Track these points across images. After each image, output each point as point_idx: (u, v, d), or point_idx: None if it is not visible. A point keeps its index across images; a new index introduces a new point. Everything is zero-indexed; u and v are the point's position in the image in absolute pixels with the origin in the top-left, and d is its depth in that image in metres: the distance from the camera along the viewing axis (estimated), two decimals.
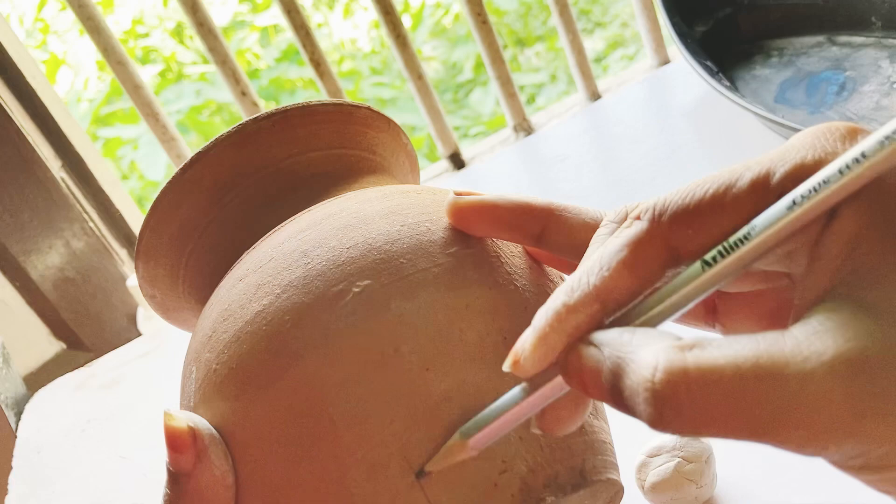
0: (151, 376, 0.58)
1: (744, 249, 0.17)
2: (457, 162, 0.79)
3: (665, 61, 0.79)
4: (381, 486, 0.20)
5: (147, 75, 1.74)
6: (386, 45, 1.80)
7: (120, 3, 1.81)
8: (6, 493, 0.49)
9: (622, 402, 0.17)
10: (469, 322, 0.22)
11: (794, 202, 0.17)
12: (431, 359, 0.21)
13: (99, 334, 0.76)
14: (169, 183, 0.26)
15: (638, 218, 0.19)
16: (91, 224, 0.77)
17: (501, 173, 0.69)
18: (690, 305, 0.18)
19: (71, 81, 1.77)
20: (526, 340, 0.19)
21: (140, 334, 0.76)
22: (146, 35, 1.81)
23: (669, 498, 0.34)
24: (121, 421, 0.54)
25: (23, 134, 0.70)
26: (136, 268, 0.28)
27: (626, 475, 0.28)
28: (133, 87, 0.69)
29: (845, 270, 0.16)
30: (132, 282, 0.78)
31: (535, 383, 0.19)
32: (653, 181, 0.57)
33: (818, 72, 0.61)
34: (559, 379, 0.19)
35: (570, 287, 0.19)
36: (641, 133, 0.65)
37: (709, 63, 0.60)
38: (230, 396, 0.22)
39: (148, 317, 0.79)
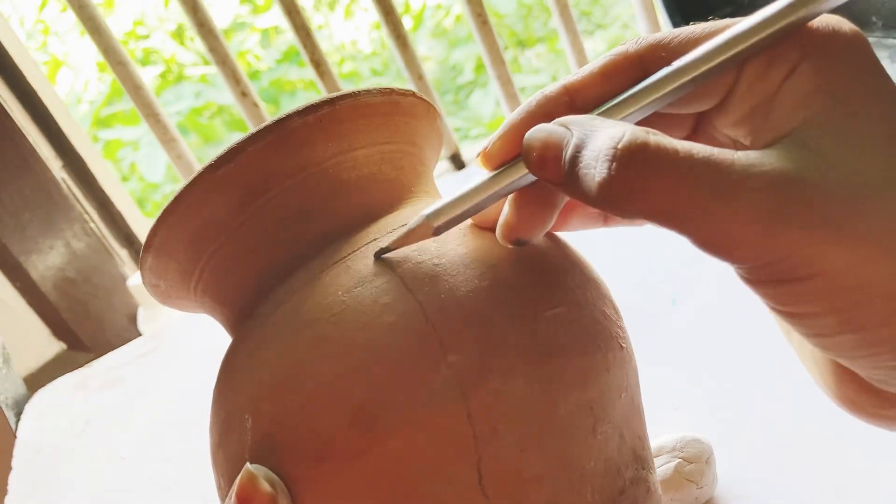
0: (151, 376, 0.58)
1: (704, 51, 0.20)
2: (457, 163, 0.79)
3: None
4: None
5: (147, 76, 1.74)
6: (386, 46, 1.80)
7: (120, 4, 1.81)
8: (6, 493, 0.49)
9: (575, 177, 0.18)
10: (562, 395, 0.21)
11: (751, 25, 0.19)
12: (527, 438, 0.20)
13: (99, 334, 0.76)
14: (196, 178, 0.23)
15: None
16: (91, 224, 0.77)
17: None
18: (653, 103, 0.20)
19: (71, 83, 1.78)
20: (494, 134, 0.20)
21: (140, 334, 0.76)
22: (147, 36, 1.81)
23: (670, 499, 0.34)
24: (121, 421, 0.54)
25: (23, 135, 0.70)
26: (144, 259, 0.25)
27: None
28: (133, 88, 0.69)
29: (797, 120, 0.18)
30: (132, 282, 0.78)
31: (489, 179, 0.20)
32: None
33: None
34: (521, 165, 0.20)
35: (545, 87, 0.21)
36: None
37: None
38: (302, 463, 0.20)
39: (148, 317, 0.79)
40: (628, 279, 0.49)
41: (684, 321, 0.44)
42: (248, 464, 0.20)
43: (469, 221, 0.23)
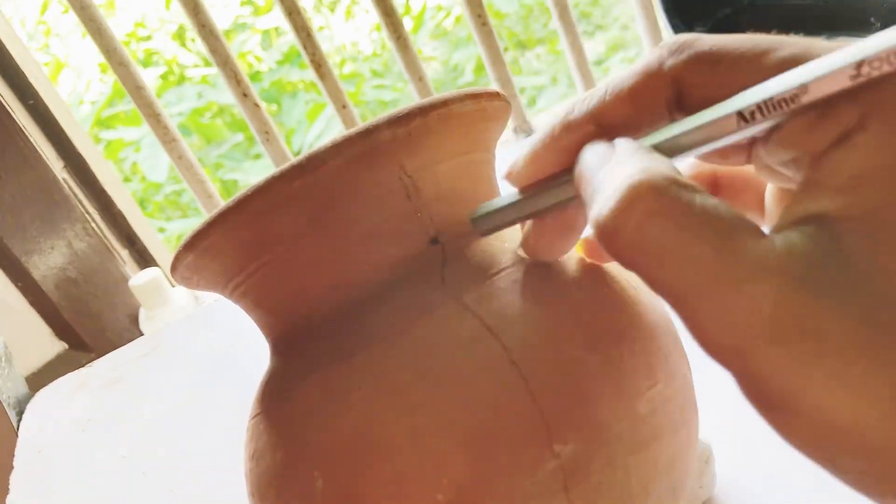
0: (152, 376, 0.58)
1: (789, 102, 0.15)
2: None
3: None
4: None
5: (149, 77, 1.74)
6: (387, 47, 1.80)
7: (122, 5, 1.81)
8: (7, 493, 0.50)
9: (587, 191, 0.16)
10: (655, 479, 0.20)
11: (859, 63, 0.14)
12: None
13: (100, 334, 0.77)
14: (264, 186, 0.21)
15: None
16: (93, 225, 0.77)
17: (502, 174, 0.69)
18: (704, 148, 0.16)
19: (73, 84, 1.78)
20: (521, 153, 0.19)
21: (141, 334, 0.76)
22: (148, 37, 1.82)
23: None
24: (121, 421, 0.54)
25: (25, 135, 0.71)
26: (183, 256, 0.23)
27: None
28: (135, 89, 0.69)
29: (839, 203, 0.14)
30: (134, 282, 0.78)
31: (528, 191, 0.20)
32: None
33: None
34: (556, 188, 0.19)
35: (569, 107, 0.19)
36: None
37: None
38: None
39: (149, 317, 0.79)
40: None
41: None
42: None
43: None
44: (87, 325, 0.76)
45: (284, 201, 0.21)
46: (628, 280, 0.22)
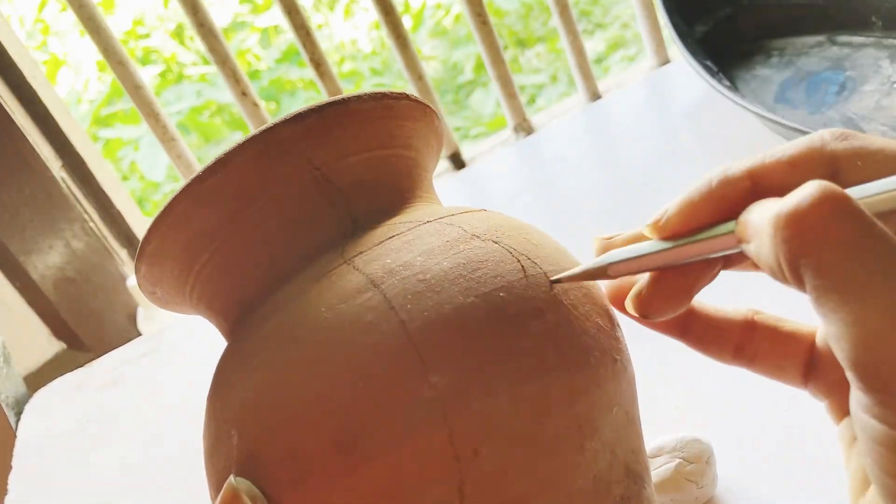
0: (151, 376, 0.58)
1: None
2: (457, 162, 0.79)
3: (665, 62, 0.79)
4: None
5: (147, 76, 1.74)
6: (386, 45, 1.80)
7: (120, 3, 1.81)
8: (6, 493, 0.49)
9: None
10: (548, 413, 0.20)
11: None
12: (511, 459, 0.20)
13: (99, 334, 0.76)
14: (184, 190, 0.23)
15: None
16: (91, 224, 0.77)
17: (502, 174, 0.69)
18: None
19: (71, 82, 1.78)
20: (673, 203, 0.20)
21: (140, 334, 0.76)
22: (147, 36, 1.81)
23: (670, 499, 0.34)
24: (121, 421, 0.54)
25: (23, 134, 0.70)
26: (138, 268, 0.26)
27: None
28: (134, 88, 0.69)
29: None
30: (132, 282, 0.78)
31: (674, 240, 0.20)
32: (653, 181, 0.57)
33: (818, 72, 0.61)
34: (701, 244, 0.19)
35: (727, 164, 0.19)
36: (641, 133, 0.65)
37: (709, 63, 0.60)
38: (284, 484, 0.20)
39: (148, 317, 0.79)
40: None
41: None
42: (232, 477, 0.20)
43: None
44: (85, 325, 0.76)
45: (204, 201, 0.23)
46: (524, 252, 0.23)
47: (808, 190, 0.16)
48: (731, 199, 0.19)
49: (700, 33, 0.65)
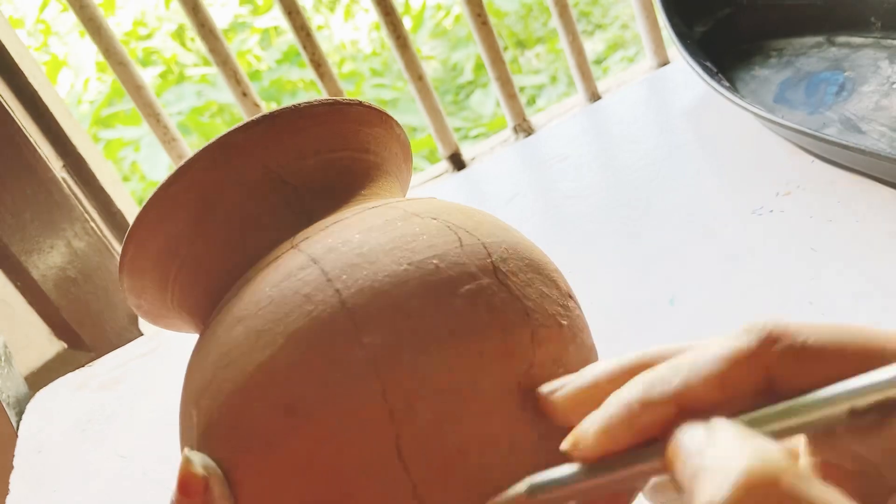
0: (152, 376, 0.58)
1: None
2: (457, 162, 0.79)
3: (665, 62, 0.80)
4: None
5: (148, 77, 1.74)
6: (386, 46, 1.80)
7: (121, 4, 1.81)
8: (7, 493, 0.50)
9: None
10: (483, 370, 0.21)
11: None
12: (446, 413, 0.20)
13: (100, 334, 0.77)
14: (152, 199, 0.25)
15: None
16: (92, 224, 0.77)
17: (501, 174, 0.69)
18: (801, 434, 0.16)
19: (72, 83, 1.78)
20: (591, 426, 0.18)
21: (141, 334, 0.76)
22: (147, 36, 1.82)
23: (670, 499, 0.34)
24: (121, 421, 0.54)
25: (24, 134, 0.70)
26: (121, 280, 0.27)
27: None
28: (134, 89, 0.69)
29: None
30: None
31: (598, 466, 0.19)
32: (653, 181, 0.57)
33: (817, 72, 0.61)
34: (633, 469, 0.18)
35: (650, 382, 0.18)
36: (641, 133, 0.65)
37: (708, 63, 0.60)
38: (236, 451, 0.21)
39: None
40: (627, 279, 0.49)
41: (683, 321, 0.45)
42: (185, 450, 0.22)
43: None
44: (86, 325, 0.76)
45: (169, 208, 0.25)
46: (462, 226, 0.24)
47: (727, 487, 0.14)
48: (656, 426, 0.18)
49: (699, 34, 0.65)
